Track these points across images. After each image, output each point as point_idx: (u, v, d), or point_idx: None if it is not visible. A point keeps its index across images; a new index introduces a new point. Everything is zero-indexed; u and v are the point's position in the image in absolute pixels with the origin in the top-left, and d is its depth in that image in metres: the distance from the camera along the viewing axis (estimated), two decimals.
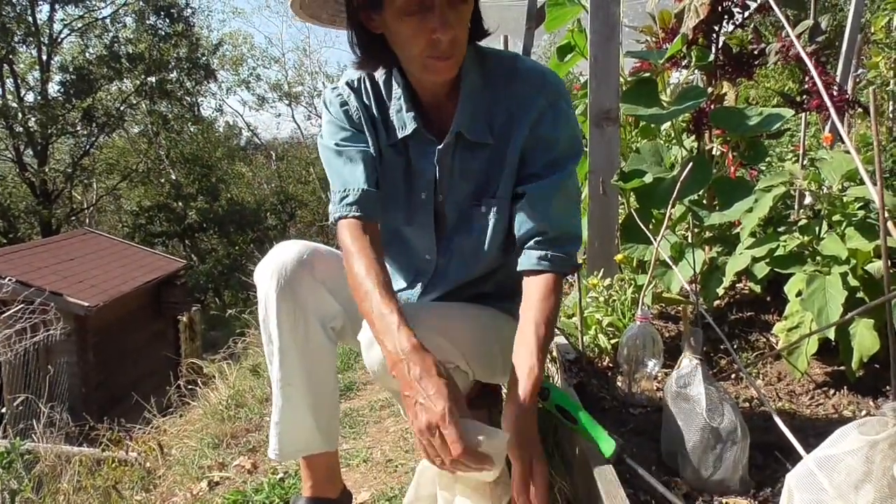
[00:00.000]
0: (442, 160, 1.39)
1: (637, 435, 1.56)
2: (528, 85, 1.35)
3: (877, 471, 0.85)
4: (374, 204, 1.38)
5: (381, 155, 1.42)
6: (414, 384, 1.12)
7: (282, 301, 1.32)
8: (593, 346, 2.07)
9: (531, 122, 1.34)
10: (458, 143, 1.38)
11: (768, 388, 1.83)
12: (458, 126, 1.35)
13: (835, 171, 1.85)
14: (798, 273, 1.83)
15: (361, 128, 1.40)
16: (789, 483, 0.93)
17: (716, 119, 2.33)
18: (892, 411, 0.87)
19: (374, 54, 1.33)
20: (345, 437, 2.09)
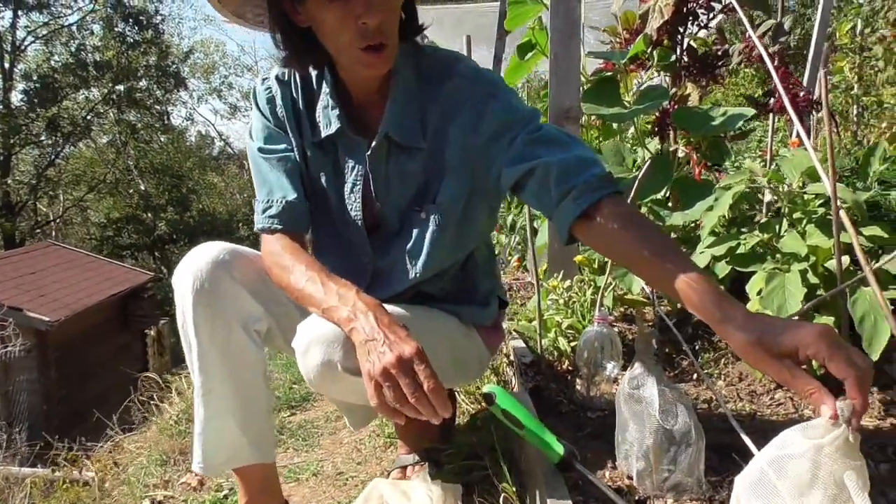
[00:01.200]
0: (374, 164, 1.33)
1: (594, 439, 1.50)
2: (463, 80, 1.28)
3: (824, 476, 0.79)
4: (299, 215, 1.32)
5: (305, 154, 1.35)
6: (381, 329, 1.05)
7: (199, 304, 1.24)
8: (553, 349, 2.01)
9: (470, 120, 1.26)
10: (390, 146, 1.31)
11: (729, 389, 1.78)
12: (387, 127, 1.29)
13: (795, 168, 1.81)
14: (759, 272, 1.79)
15: (285, 127, 1.34)
16: (737, 487, 0.87)
17: (678, 119, 2.29)
18: (839, 409, 0.81)
19: (301, 51, 1.26)
20: (297, 449, 2.01)
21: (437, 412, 1.04)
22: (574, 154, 1.18)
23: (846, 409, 0.79)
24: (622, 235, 1.08)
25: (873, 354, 1.52)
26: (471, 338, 1.50)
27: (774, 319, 0.88)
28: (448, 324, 1.44)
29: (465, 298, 1.48)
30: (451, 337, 1.43)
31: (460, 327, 1.46)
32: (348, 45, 1.16)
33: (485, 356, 1.55)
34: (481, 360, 1.55)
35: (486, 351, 1.54)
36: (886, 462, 1.27)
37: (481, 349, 1.53)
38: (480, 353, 1.53)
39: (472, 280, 1.50)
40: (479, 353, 1.52)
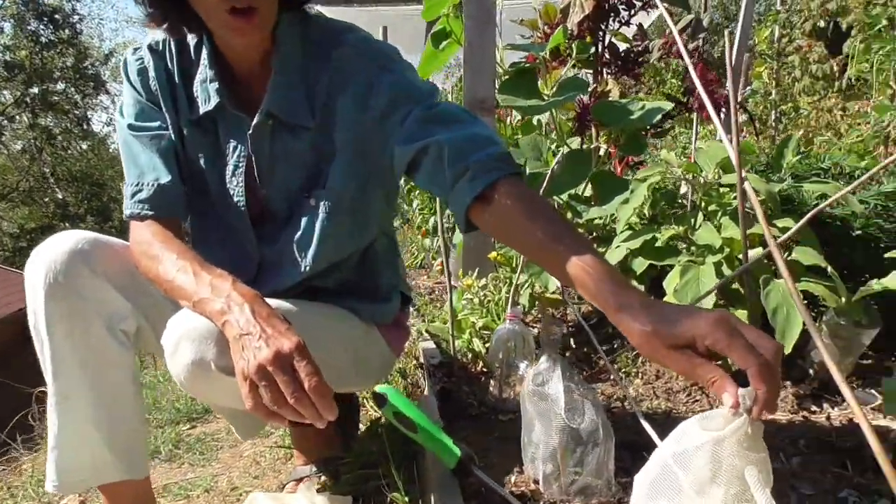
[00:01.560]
0: (257, 144, 1.20)
1: (504, 442, 1.41)
2: (353, 52, 1.18)
3: (726, 471, 0.71)
4: (173, 200, 1.19)
5: (181, 134, 1.22)
6: (258, 322, 0.94)
7: (52, 300, 1.09)
8: (467, 350, 1.91)
9: (360, 95, 1.16)
10: (275, 125, 1.19)
11: (647, 387, 1.72)
12: (270, 104, 1.17)
13: (710, 160, 1.77)
14: (676, 266, 1.74)
15: (159, 101, 1.21)
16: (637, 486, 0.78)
17: (597, 113, 2.24)
18: (741, 397, 0.74)
19: (168, 8, 1.12)
20: (192, 464, 1.86)
21: (320, 414, 0.92)
22: (471, 132, 1.09)
23: (748, 397, 0.72)
24: (518, 219, 0.99)
25: (786, 347, 1.48)
26: (371, 336, 1.39)
27: (672, 308, 0.80)
28: (345, 320, 1.32)
29: (364, 293, 1.37)
30: (348, 335, 1.31)
31: (359, 325, 1.35)
32: (214, 6, 1.04)
33: (388, 356, 1.44)
34: (384, 361, 1.44)
35: (389, 351, 1.44)
36: (798, 455, 1.22)
37: (383, 348, 1.42)
38: (383, 352, 1.42)
39: (372, 274, 1.39)
40: (380, 352, 1.41)
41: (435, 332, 2.04)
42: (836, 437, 1.23)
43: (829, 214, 1.85)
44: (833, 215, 1.86)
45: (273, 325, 0.95)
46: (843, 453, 1.19)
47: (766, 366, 0.71)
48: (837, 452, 1.20)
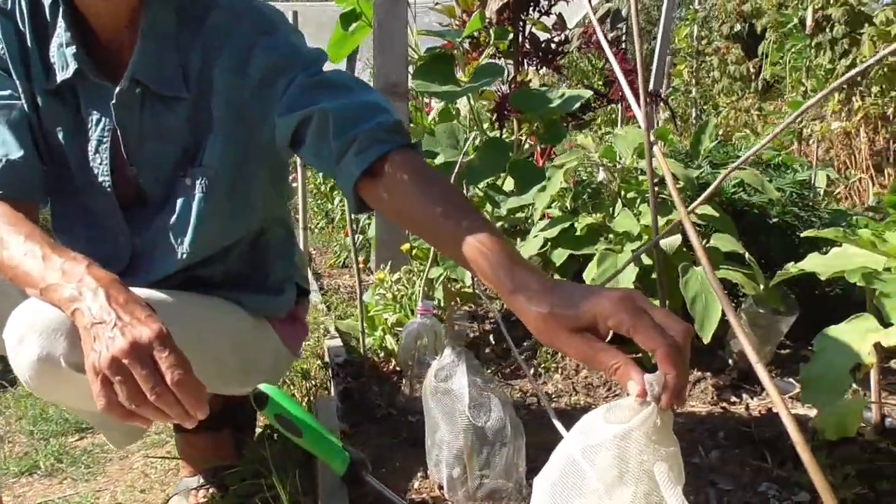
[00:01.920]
0: (124, 116, 1.06)
1: (410, 445, 1.30)
2: (229, 13, 1.05)
3: (633, 468, 0.62)
4: (26, 178, 1.04)
5: (36, 105, 1.07)
6: (113, 308, 0.81)
7: None
8: (379, 348, 1.80)
9: (238, 61, 1.03)
10: (145, 95, 1.05)
11: (566, 382, 1.65)
12: (136, 71, 1.03)
13: (628, 145, 1.71)
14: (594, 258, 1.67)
15: (8, 68, 1.05)
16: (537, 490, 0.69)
17: (516, 101, 2.17)
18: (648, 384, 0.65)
19: None
20: (75, 479, 1.68)
21: (188, 412, 0.79)
22: (359, 99, 0.98)
23: (656, 383, 0.63)
24: (410, 195, 0.89)
25: (705, 337, 1.42)
26: (261, 332, 1.26)
27: (573, 288, 0.70)
28: (230, 314, 1.19)
29: (252, 285, 1.24)
30: (233, 329, 1.18)
31: (247, 318, 1.22)
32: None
33: (282, 354, 1.31)
34: (278, 359, 1.31)
35: (284, 348, 1.31)
36: (717, 448, 1.15)
37: (277, 345, 1.29)
38: (276, 349, 1.29)
39: (264, 265, 1.26)
40: (273, 349, 1.28)
41: (346, 330, 1.92)
42: (755, 428, 1.17)
43: (746, 202, 1.82)
44: (750, 203, 1.83)
45: (131, 312, 0.81)
46: (762, 444, 1.14)
47: (674, 347, 0.63)
48: (756, 444, 1.15)
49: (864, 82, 4.49)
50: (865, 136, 4.46)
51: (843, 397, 1.01)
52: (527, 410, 1.50)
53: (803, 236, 1.15)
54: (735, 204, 1.82)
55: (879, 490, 0.99)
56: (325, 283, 3.17)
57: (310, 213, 5.97)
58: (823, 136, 4.34)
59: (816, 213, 1.89)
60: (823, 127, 4.24)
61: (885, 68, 4.32)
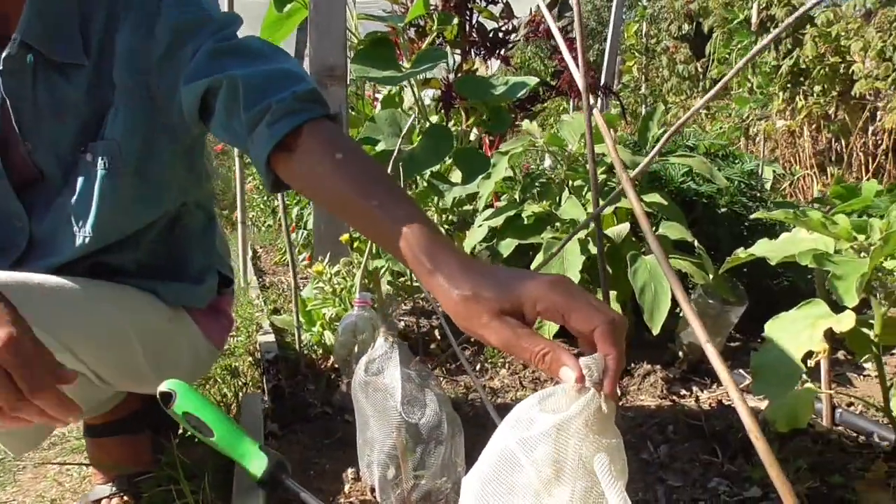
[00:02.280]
0: (14, 85, 0.95)
1: (344, 446, 1.21)
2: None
3: (571, 463, 0.55)
4: None
5: None
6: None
7: None
8: (317, 344, 1.71)
9: (143, 24, 0.93)
10: (38, 63, 0.94)
11: (513, 378, 1.58)
12: (26, 33, 0.91)
13: (575, 131, 1.66)
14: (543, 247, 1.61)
15: None
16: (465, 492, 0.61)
17: (462, 87, 2.10)
18: (585, 369, 0.58)
19: None
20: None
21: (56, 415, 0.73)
22: (272, 67, 0.89)
23: (594, 366, 0.56)
24: (326, 170, 0.80)
25: (655, 327, 1.37)
26: (179, 324, 1.15)
27: (498, 270, 0.63)
28: (142, 304, 1.08)
29: (169, 274, 1.14)
30: (145, 321, 1.07)
31: (162, 309, 1.11)
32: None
33: (203, 348, 1.21)
34: (198, 354, 1.20)
35: (206, 341, 1.20)
36: (666, 443, 1.10)
37: (196, 339, 1.18)
38: (196, 343, 1.19)
39: (182, 252, 1.16)
40: (192, 343, 1.18)
41: (282, 326, 1.81)
42: (706, 421, 1.12)
43: (695, 192, 1.79)
44: (699, 193, 1.80)
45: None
46: (713, 438, 1.08)
47: (613, 324, 0.56)
48: (707, 438, 1.09)
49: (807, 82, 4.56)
50: (809, 135, 4.53)
51: (794, 387, 0.96)
52: (471, 407, 1.43)
53: (753, 217, 1.11)
54: (684, 193, 1.78)
55: (832, 483, 0.94)
56: (268, 280, 3.05)
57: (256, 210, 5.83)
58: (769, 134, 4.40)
59: (764, 204, 1.86)
60: (768, 125, 4.28)
61: (827, 68, 4.40)
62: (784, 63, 4.42)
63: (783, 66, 4.41)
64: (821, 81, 4.39)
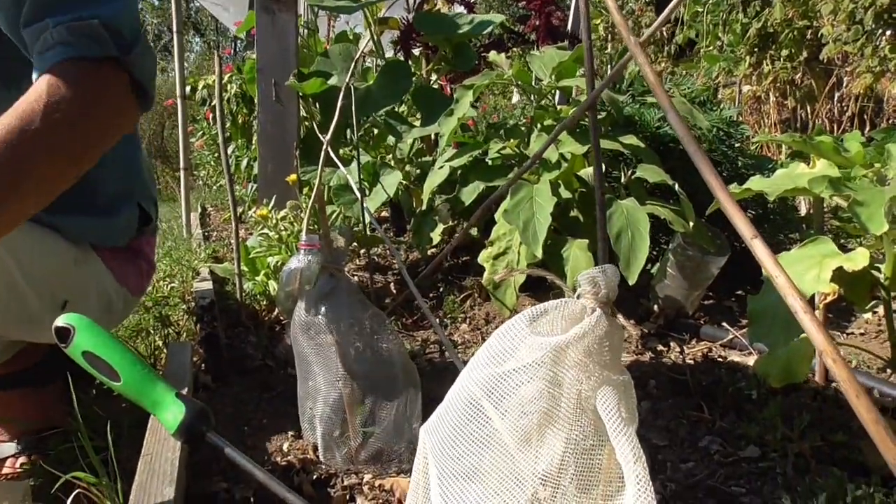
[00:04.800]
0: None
1: (286, 401, 1.07)
2: None
3: (567, 401, 0.42)
4: None
5: None
6: None
7: None
8: (261, 294, 1.55)
9: None
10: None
11: (475, 333, 1.46)
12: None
13: (546, 65, 1.51)
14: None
15: None
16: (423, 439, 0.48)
17: (423, 24, 1.94)
18: (589, 283, 0.44)
19: None
20: None
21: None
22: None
23: (602, 281, 0.43)
24: None
25: (631, 277, 1.25)
26: (85, 265, 0.98)
27: None
28: (34, 241, 0.91)
29: (72, 204, 0.96)
30: (36, 262, 0.90)
31: (62, 248, 0.94)
32: None
33: (116, 294, 1.04)
34: (110, 301, 1.04)
35: (119, 287, 1.04)
36: (648, 399, 0.98)
37: (108, 283, 1.01)
38: (106, 288, 1.02)
39: (90, 177, 0.98)
40: (101, 289, 1.01)
41: (223, 275, 1.65)
42: (690, 376, 1.00)
43: (671, 138, 1.67)
44: (676, 139, 1.68)
45: None
46: (699, 394, 0.97)
47: None
48: (692, 395, 0.98)
49: (774, 46, 4.49)
50: (774, 102, 4.47)
51: (797, 335, 0.85)
52: (428, 362, 1.30)
53: (755, 140, 0.98)
54: (661, 138, 1.66)
55: (834, 441, 0.84)
56: (216, 235, 2.86)
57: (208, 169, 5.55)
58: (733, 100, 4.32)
59: (742, 154, 1.76)
60: (732, 91, 4.20)
61: (795, 32, 4.32)
62: (752, 25, 4.33)
63: (751, 28, 4.32)
64: (788, 46, 4.31)
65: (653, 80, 0.52)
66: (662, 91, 0.51)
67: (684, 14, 4.85)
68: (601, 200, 0.65)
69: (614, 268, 0.44)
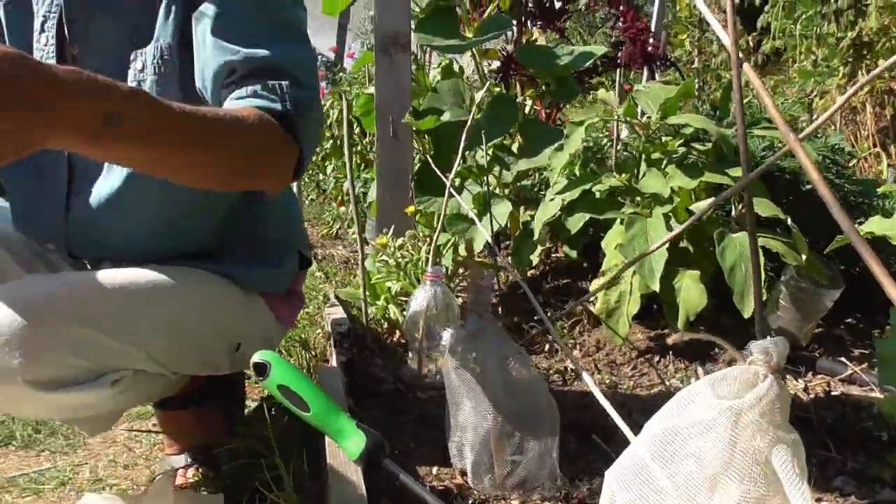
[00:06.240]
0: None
1: (422, 425, 1.17)
2: None
3: (741, 455, 0.49)
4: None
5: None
6: None
7: None
8: (382, 318, 1.66)
9: None
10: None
11: (586, 360, 1.52)
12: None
13: (652, 100, 1.57)
14: (617, 224, 1.54)
15: None
16: (610, 482, 0.55)
17: (525, 57, 2.03)
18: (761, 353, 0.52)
19: None
20: (53, 452, 1.54)
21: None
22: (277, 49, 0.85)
23: (774, 351, 0.50)
24: None
25: (746, 310, 1.30)
26: (253, 312, 1.08)
27: None
28: (213, 293, 1.01)
29: (246, 255, 1.06)
30: (216, 313, 1.00)
31: (235, 298, 1.04)
32: None
33: (272, 331, 1.14)
34: (271, 338, 1.15)
35: (276, 324, 1.14)
36: None
37: (269, 324, 1.12)
38: (267, 329, 1.12)
39: (261, 228, 1.08)
40: (264, 331, 1.11)
41: (346, 299, 1.77)
42: (814, 412, 1.05)
43: (777, 167, 1.69)
44: (781, 168, 1.70)
45: None
46: (823, 431, 1.01)
47: None
48: (816, 431, 1.02)
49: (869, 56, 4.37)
50: (871, 112, 4.35)
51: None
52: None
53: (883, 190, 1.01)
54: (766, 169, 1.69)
55: None
56: (319, 253, 3.03)
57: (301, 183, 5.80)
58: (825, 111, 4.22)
59: (850, 180, 1.76)
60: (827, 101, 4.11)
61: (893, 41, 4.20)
62: (846, 36, 4.23)
63: (845, 38, 4.22)
64: (885, 55, 4.19)
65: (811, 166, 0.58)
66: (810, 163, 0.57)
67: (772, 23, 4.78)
68: (757, 279, 0.72)
69: (784, 339, 0.51)
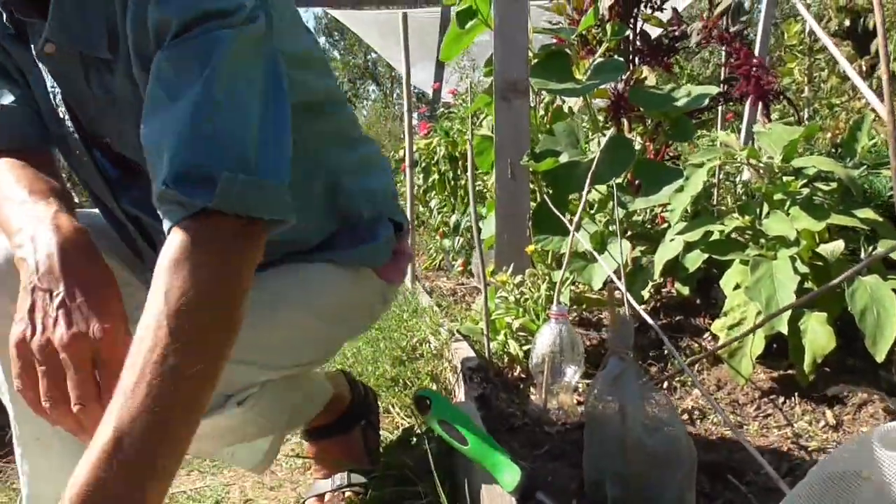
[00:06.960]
0: (66, 78, 0.92)
1: (554, 460, 1.23)
2: None
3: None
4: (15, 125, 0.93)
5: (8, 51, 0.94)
6: (69, 280, 0.70)
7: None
8: (502, 353, 1.73)
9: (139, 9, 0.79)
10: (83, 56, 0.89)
11: (707, 400, 1.54)
12: (51, 31, 0.85)
13: (775, 142, 1.59)
14: (736, 264, 1.55)
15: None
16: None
17: (636, 99, 2.07)
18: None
19: None
20: (202, 472, 1.68)
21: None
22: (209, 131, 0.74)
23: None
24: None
25: (879, 354, 1.29)
26: (362, 284, 1.12)
27: None
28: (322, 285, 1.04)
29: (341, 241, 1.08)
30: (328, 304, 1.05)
31: (343, 280, 1.07)
32: None
33: (384, 294, 1.19)
34: (385, 300, 1.21)
35: (387, 285, 1.17)
36: None
37: (378, 289, 1.16)
38: (376, 294, 1.17)
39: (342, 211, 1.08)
40: (376, 294, 1.17)
41: (466, 333, 1.86)
42: None
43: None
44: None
45: (86, 292, 0.70)
46: None
47: None
48: None
49: None
50: None
51: None
52: None
53: None
54: (891, 208, 1.66)
55: None
56: (427, 286, 3.14)
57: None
58: None
59: None
60: None
61: None
62: None
63: None
64: None
65: None
66: None
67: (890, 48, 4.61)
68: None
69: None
